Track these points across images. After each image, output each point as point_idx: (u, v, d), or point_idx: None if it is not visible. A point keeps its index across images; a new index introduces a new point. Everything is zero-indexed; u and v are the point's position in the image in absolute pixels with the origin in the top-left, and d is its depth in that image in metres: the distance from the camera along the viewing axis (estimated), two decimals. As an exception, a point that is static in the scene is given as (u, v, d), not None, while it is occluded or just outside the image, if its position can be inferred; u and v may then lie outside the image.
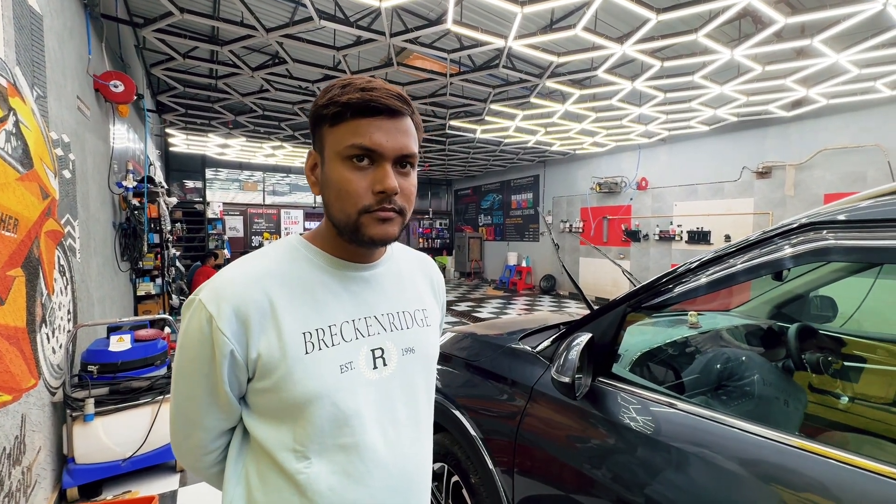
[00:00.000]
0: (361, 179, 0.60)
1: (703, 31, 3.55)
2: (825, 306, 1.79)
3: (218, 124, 7.40)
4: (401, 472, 0.67)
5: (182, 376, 0.63)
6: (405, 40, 4.01)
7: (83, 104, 2.87)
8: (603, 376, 1.19)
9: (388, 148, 0.60)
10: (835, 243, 0.87)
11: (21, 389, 1.76)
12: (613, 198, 9.37)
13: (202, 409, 0.63)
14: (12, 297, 1.69)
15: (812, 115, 6.24)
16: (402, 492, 0.67)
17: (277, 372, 0.60)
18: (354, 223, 0.61)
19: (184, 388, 0.63)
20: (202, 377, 0.61)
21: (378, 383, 0.66)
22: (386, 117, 0.60)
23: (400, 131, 0.61)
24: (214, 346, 0.58)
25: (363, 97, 0.59)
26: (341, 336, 0.64)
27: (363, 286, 0.69)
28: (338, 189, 0.61)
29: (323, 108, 0.61)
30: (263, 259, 0.65)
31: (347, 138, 0.59)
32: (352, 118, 0.59)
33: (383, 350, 0.67)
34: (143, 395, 2.38)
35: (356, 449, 0.63)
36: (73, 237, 2.54)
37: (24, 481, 1.77)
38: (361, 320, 0.67)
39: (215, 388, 0.61)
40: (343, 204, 0.61)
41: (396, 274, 0.74)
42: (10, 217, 1.68)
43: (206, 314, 0.58)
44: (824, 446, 0.80)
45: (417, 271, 0.80)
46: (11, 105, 1.72)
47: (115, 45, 4.07)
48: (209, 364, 0.59)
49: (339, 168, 0.60)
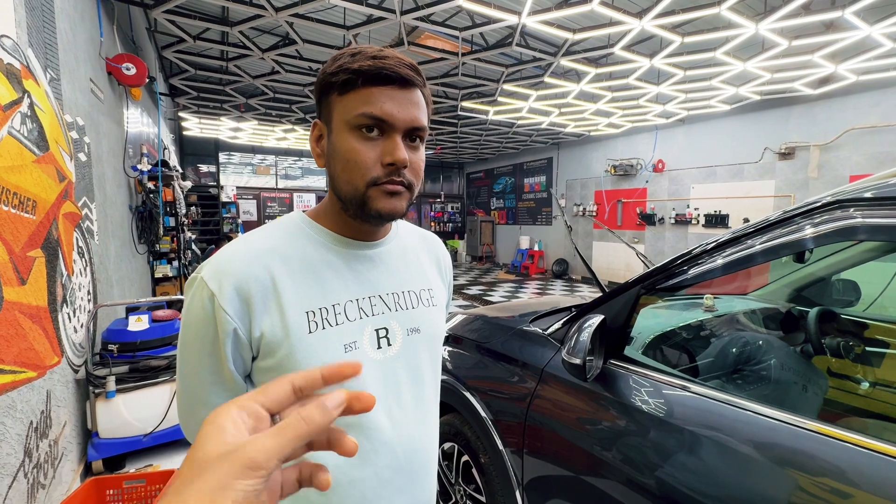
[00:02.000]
0: (370, 150, 0.58)
1: (726, 4, 3.39)
2: (848, 290, 1.73)
3: (230, 107, 7.41)
4: (406, 451, 0.66)
5: (186, 354, 0.62)
6: (416, 18, 3.92)
7: (96, 87, 2.88)
8: (615, 359, 1.18)
9: (400, 119, 0.58)
10: (862, 222, 0.83)
11: (45, 366, 1.82)
12: (629, 180, 9.19)
13: (207, 387, 0.62)
14: (33, 277, 1.73)
15: (840, 93, 5.98)
16: (407, 471, 0.67)
17: (281, 351, 0.59)
18: (362, 196, 0.59)
19: (188, 366, 0.62)
20: (206, 355, 0.60)
21: (383, 363, 0.65)
22: (398, 87, 0.58)
23: (412, 103, 0.59)
24: (217, 324, 0.57)
25: (375, 65, 0.56)
26: (345, 315, 0.63)
27: (368, 265, 0.67)
28: (345, 160, 0.59)
29: (332, 76, 0.59)
30: (265, 236, 0.63)
31: (357, 107, 0.57)
32: (362, 86, 0.57)
33: (388, 330, 0.66)
34: (161, 374, 2.45)
35: (361, 428, 0.62)
36: (91, 219, 2.59)
37: (52, 454, 1.85)
38: (366, 300, 0.65)
39: (219, 367, 0.60)
40: (350, 175, 0.59)
41: (402, 253, 0.72)
42: (28, 199, 1.71)
43: (208, 292, 0.57)
44: (843, 430, 0.78)
45: (423, 250, 0.78)
46: (25, 87, 1.73)
47: (126, 27, 4.07)
48: (213, 343, 0.58)
49: (347, 138, 0.59)
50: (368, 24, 4.16)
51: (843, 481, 0.74)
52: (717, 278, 1.11)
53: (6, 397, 1.48)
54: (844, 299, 1.73)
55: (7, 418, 1.47)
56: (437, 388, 0.76)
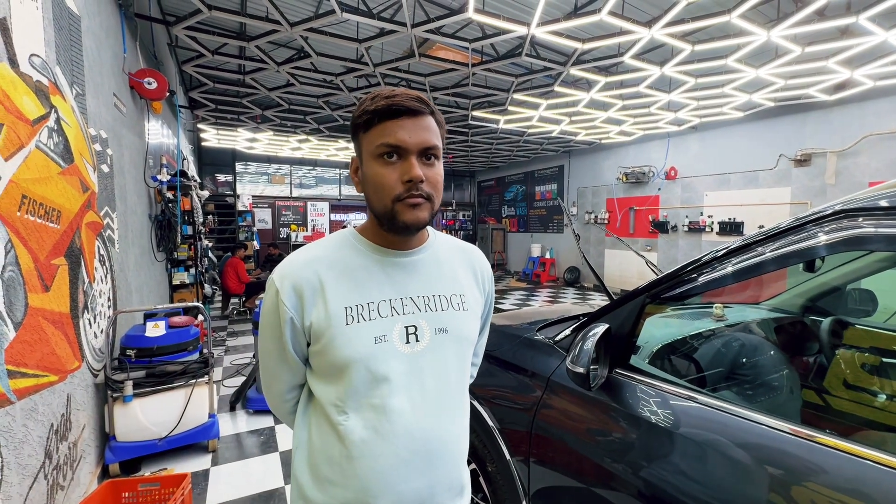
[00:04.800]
0: (392, 172, 0.70)
1: (737, 12, 3.38)
2: (864, 300, 1.70)
3: (246, 119, 7.59)
4: (424, 436, 0.74)
5: (263, 336, 0.79)
6: (427, 31, 3.99)
7: (119, 101, 3.00)
8: (621, 368, 1.18)
9: (411, 143, 0.69)
10: (874, 232, 0.82)
11: (66, 371, 1.88)
12: (641, 188, 9.11)
13: (276, 364, 0.79)
14: (56, 284, 1.80)
15: (857, 99, 5.87)
16: (424, 455, 0.74)
17: (324, 338, 0.72)
18: (390, 211, 0.71)
19: (264, 346, 0.80)
20: (274, 339, 0.76)
21: (410, 356, 0.75)
22: (408, 117, 0.70)
23: (421, 128, 0.71)
24: (280, 313, 0.73)
25: (387, 103, 0.69)
26: (378, 312, 0.74)
27: (400, 270, 0.78)
28: (374, 183, 0.71)
29: (358, 118, 0.72)
30: (318, 247, 0.78)
31: (378, 139, 0.70)
32: (379, 122, 0.70)
33: (416, 328, 0.76)
34: (177, 379, 2.50)
35: (384, 410, 0.72)
36: (112, 228, 2.67)
37: (71, 456, 1.90)
38: (398, 300, 0.76)
39: (283, 348, 0.76)
40: (380, 195, 0.71)
41: (435, 261, 0.82)
42: (53, 209, 1.79)
43: (275, 289, 0.73)
44: (856, 444, 0.76)
45: (458, 260, 0.87)
46: (53, 103, 1.82)
47: (148, 43, 4.23)
48: (278, 328, 0.74)
49: (373, 166, 0.71)
50: (381, 36, 4.25)
51: (857, 497, 0.72)
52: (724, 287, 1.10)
53: (28, 400, 1.53)
54: (861, 309, 1.70)
55: (29, 420, 1.53)
56: (464, 386, 0.83)
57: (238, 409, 3.33)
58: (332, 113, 7.08)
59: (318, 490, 0.74)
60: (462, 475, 0.81)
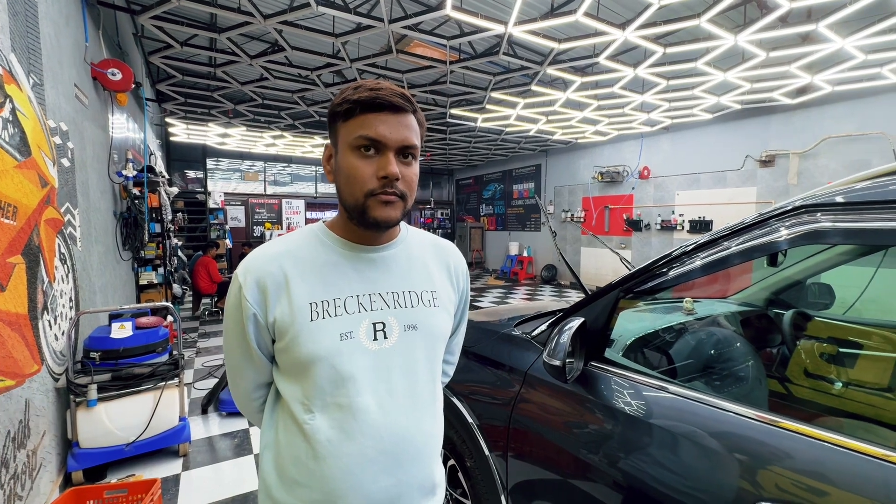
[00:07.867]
0: (368, 166, 0.68)
1: (706, 17, 3.49)
2: (823, 293, 1.79)
3: (218, 113, 7.37)
4: (392, 436, 0.72)
5: (227, 333, 0.77)
6: (405, 27, 3.97)
7: (81, 92, 2.86)
8: (596, 361, 1.20)
9: (391, 139, 0.68)
10: (832, 226, 0.86)
11: (24, 375, 1.79)
12: (615, 187, 9.32)
13: (241, 362, 0.77)
14: (13, 283, 1.70)
15: (817, 103, 6.17)
16: (392, 454, 0.72)
17: (288, 334, 0.70)
18: (362, 205, 0.69)
19: (228, 343, 0.77)
20: (238, 336, 0.74)
21: (377, 353, 0.73)
22: (390, 112, 0.68)
23: (402, 125, 0.69)
24: (242, 310, 0.71)
25: (371, 95, 0.67)
26: (344, 308, 0.72)
27: (370, 266, 0.76)
28: (347, 175, 0.69)
29: (338, 106, 0.70)
30: (284, 241, 0.76)
31: (357, 130, 0.68)
32: (360, 113, 0.68)
33: (385, 324, 0.74)
34: (144, 382, 2.41)
35: (350, 409, 0.70)
36: (74, 226, 2.55)
37: (30, 464, 1.81)
38: (366, 296, 0.74)
39: (247, 345, 0.74)
40: (352, 188, 0.69)
41: (406, 257, 0.80)
42: (8, 204, 1.69)
43: (238, 284, 0.72)
44: (817, 429, 0.80)
45: (431, 255, 0.85)
46: (7, 92, 1.72)
47: (112, 32, 4.05)
48: (241, 325, 0.72)
49: (349, 157, 0.69)
50: (357, 31, 4.19)
51: (818, 479, 0.76)
52: (694, 280, 1.14)
53: (-17, 406, 1.45)
54: (820, 302, 1.79)
55: (-17, 428, 1.44)
56: (435, 384, 0.81)
57: (210, 411, 3.24)
58: (308, 109, 6.94)
59: (285, 491, 0.72)
60: (434, 474, 0.79)
